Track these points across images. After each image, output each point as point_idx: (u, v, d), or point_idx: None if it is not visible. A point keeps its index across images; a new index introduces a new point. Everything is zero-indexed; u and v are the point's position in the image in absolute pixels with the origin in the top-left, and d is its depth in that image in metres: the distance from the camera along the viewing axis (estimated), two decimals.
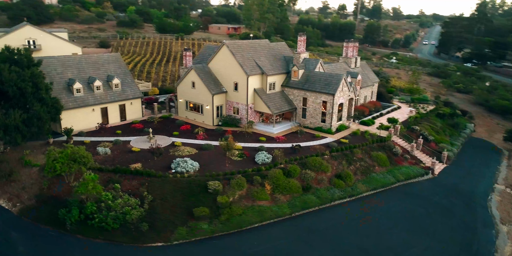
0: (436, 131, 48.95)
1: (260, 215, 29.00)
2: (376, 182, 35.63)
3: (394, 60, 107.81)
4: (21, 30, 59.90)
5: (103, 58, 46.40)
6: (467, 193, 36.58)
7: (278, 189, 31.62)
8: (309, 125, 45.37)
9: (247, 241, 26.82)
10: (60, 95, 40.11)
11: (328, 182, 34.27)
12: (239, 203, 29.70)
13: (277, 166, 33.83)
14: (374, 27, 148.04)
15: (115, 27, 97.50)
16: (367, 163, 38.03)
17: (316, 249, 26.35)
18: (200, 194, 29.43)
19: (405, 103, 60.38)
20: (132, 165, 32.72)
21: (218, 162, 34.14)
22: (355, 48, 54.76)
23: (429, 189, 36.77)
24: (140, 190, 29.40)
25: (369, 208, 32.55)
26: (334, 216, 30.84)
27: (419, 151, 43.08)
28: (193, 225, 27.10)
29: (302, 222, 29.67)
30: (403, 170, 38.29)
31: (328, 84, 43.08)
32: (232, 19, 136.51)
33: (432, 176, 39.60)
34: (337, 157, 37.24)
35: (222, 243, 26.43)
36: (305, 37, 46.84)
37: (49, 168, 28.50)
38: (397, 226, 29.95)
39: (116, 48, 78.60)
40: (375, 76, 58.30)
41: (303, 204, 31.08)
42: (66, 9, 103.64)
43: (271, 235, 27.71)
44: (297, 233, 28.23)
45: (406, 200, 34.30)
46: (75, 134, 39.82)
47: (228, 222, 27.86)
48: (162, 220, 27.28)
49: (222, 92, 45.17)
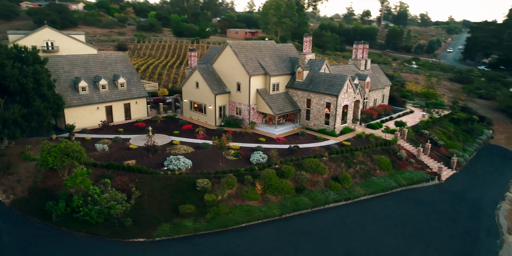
0: (448, 136, 46.82)
1: (248, 215, 28.35)
2: (375, 186, 34.26)
3: (414, 65, 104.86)
4: (40, 32, 62.14)
5: (110, 58, 47.36)
6: (474, 200, 34.55)
7: (269, 189, 30.90)
8: (312, 127, 44.43)
9: (232, 240, 26.23)
10: (65, 92, 41.10)
11: (323, 184, 33.22)
12: (227, 202, 29.18)
13: (271, 166, 33.14)
14: (396, 33, 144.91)
15: (135, 31, 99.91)
16: (368, 166, 36.68)
17: (300, 252, 25.43)
18: (188, 192, 29.12)
19: (418, 108, 58.30)
20: (126, 161, 32.91)
21: (212, 161, 33.81)
22: (365, 50, 53.49)
23: (433, 195, 35.01)
24: (129, 185, 29.41)
25: (365, 212, 31.29)
26: (326, 219, 29.78)
27: (426, 156, 41.26)
28: (177, 222, 26.79)
29: (291, 224, 28.79)
30: (406, 175, 36.69)
31: (332, 85, 42.12)
32: (251, 24, 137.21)
33: (438, 182, 37.75)
34: (336, 159, 36.12)
35: (205, 241, 25.95)
36: (311, 38, 46.19)
37: (42, 161, 29.02)
38: (392, 232, 28.56)
39: (133, 51, 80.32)
40: (387, 79, 56.68)
41: (295, 205, 30.19)
42: (89, 14, 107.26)
43: (257, 236, 27.00)
44: (284, 234, 27.39)
45: (405, 206, 32.75)
46: (78, 131, 40.65)
47: (213, 221, 27.37)
48: (147, 216, 27.12)
49: (225, 93, 45.01)
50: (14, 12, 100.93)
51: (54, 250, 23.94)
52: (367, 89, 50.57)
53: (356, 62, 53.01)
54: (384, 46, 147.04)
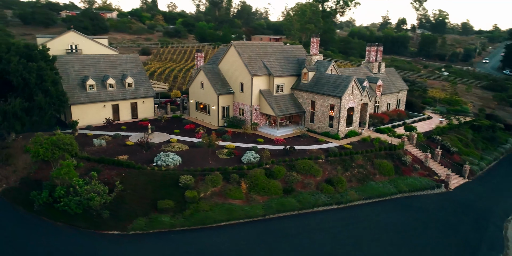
0: (465, 144, 43.70)
1: (228, 214, 27.54)
2: (372, 191, 32.35)
3: (445, 72, 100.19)
4: (65, 35, 65.21)
5: (121, 58, 48.65)
6: (483, 211, 31.70)
7: (255, 189, 29.96)
8: (316, 129, 43.06)
9: (208, 238, 25.50)
10: (73, 90, 42.53)
11: (315, 187, 31.79)
12: (210, 200, 28.56)
13: (261, 166, 32.22)
14: (429, 40, 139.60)
15: (161, 37, 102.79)
16: (367, 171, 34.81)
17: (277, 253, 24.23)
18: (171, 188, 28.80)
19: (438, 114, 55.17)
20: (119, 156, 33.23)
21: (203, 159, 33.43)
22: (379, 53, 51.57)
23: (436, 204, 32.52)
24: (114, 179, 29.55)
25: (356, 217, 29.52)
26: (313, 222, 28.34)
27: (436, 162, 38.64)
28: (154, 217, 26.48)
29: (274, 225, 27.64)
30: (409, 181, 34.43)
31: (337, 86, 40.73)
32: (280, 31, 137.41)
33: (445, 190, 35.10)
34: (333, 162, 34.59)
35: (181, 237, 25.41)
36: (318, 39, 45.15)
37: (34, 152, 29.85)
38: (382, 239, 26.66)
39: (155, 55, 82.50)
40: (403, 84, 54.18)
41: (280, 206, 29.02)
42: (121, 21, 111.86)
43: (235, 235, 26.11)
44: (264, 235, 26.29)
45: (403, 213, 30.59)
46: (83, 128, 41.81)
47: (191, 218, 26.81)
48: (126, 209, 27.03)
49: (229, 93, 44.76)
50: (52, 20, 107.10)
51: (28, 238, 24.28)
52: (379, 93, 48.52)
53: (368, 65, 51.16)
54: (416, 54, 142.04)
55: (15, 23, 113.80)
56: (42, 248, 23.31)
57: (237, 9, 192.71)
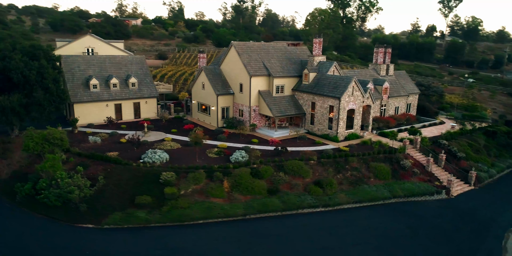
0: (476, 149, 41.08)
1: (207, 212, 26.91)
2: (363, 195, 30.79)
3: (470, 79, 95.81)
4: (82, 39, 67.47)
5: (127, 59, 49.59)
6: (485, 220, 29.40)
7: (238, 188, 29.22)
8: (316, 132, 41.89)
9: (182, 235, 24.95)
10: (77, 89, 43.61)
11: (303, 188, 30.65)
12: (190, 197, 28.07)
13: (248, 165, 31.48)
14: (457, 47, 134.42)
15: (181, 42, 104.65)
16: (361, 174, 33.27)
17: (250, 254, 23.30)
18: (152, 184, 28.58)
19: (452, 120, 52.45)
20: (109, 153, 33.50)
21: (192, 157, 33.11)
22: (388, 55, 49.85)
23: (433, 210, 30.52)
24: (99, 174, 29.69)
25: (343, 221, 28.13)
26: (295, 224, 27.20)
27: (440, 167, 36.47)
28: (130, 212, 26.27)
29: (253, 226, 26.74)
30: (405, 186, 32.57)
31: (337, 87, 39.55)
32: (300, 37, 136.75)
33: (446, 197, 32.95)
34: (326, 163, 33.33)
35: (154, 234, 24.99)
36: (321, 40, 44.18)
37: (25, 146, 30.56)
38: (367, 243, 25.15)
39: (171, 60, 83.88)
40: (414, 88, 51.99)
41: (262, 206, 28.10)
42: (143, 28, 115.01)
43: (210, 234, 25.40)
44: (240, 235, 25.45)
45: (394, 218, 28.87)
46: (84, 126, 42.70)
47: (168, 214, 26.39)
48: (104, 204, 26.99)
49: (229, 94, 44.48)
50: (79, 27, 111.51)
51: (3, 227, 24.66)
52: (385, 95, 46.74)
53: (376, 67, 49.53)
54: (442, 61, 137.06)
55: (45, 30, 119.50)
56: (14, 237, 23.54)
57: (262, 17, 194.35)
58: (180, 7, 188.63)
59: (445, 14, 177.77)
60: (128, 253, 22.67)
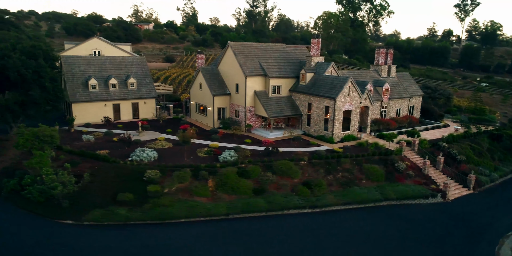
0: (478, 153, 39.57)
1: (189, 211, 26.53)
2: (353, 197, 29.86)
3: (483, 83, 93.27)
4: (89, 42, 68.72)
5: (127, 60, 50.06)
6: (481, 225, 28.07)
7: (223, 187, 28.78)
8: (312, 133, 41.18)
9: (161, 234, 24.60)
10: (76, 89, 44.17)
11: (290, 189, 29.98)
12: (174, 196, 27.78)
13: (236, 165, 31.04)
14: (472, 51, 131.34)
15: (190, 46, 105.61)
16: (352, 175, 32.38)
17: (227, 253, 22.76)
18: (137, 182, 28.43)
19: (458, 123, 50.84)
20: (100, 151, 33.63)
21: (181, 156, 32.91)
22: (389, 56, 48.85)
23: (426, 214, 29.36)
24: (87, 171, 29.76)
25: (329, 223, 27.28)
26: (279, 225, 26.53)
27: (437, 170, 35.23)
28: (111, 209, 26.10)
29: (236, 226, 26.19)
30: (398, 188, 31.50)
31: (333, 87, 38.86)
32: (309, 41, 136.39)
33: (442, 201, 31.69)
34: (316, 164, 32.60)
35: (133, 231, 24.72)
36: (319, 40, 43.58)
37: (16, 142, 30.94)
38: (349, 246, 24.26)
39: (178, 62, 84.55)
40: (417, 90, 50.67)
41: (246, 206, 27.55)
42: (153, 32, 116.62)
43: (191, 233, 24.98)
44: (221, 235, 24.89)
45: (384, 221, 27.84)
46: (82, 125, 43.14)
47: (149, 212, 26.12)
48: (87, 200, 26.93)
49: (226, 94, 44.27)
50: (91, 31, 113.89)
51: None
52: (386, 97, 45.68)
53: (377, 68, 48.55)
54: (457, 65, 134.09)
55: (60, 35, 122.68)
56: None
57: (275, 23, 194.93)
58: (193, 12, 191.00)
59: (461, 18, 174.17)
60: (103, 249, 22.44)
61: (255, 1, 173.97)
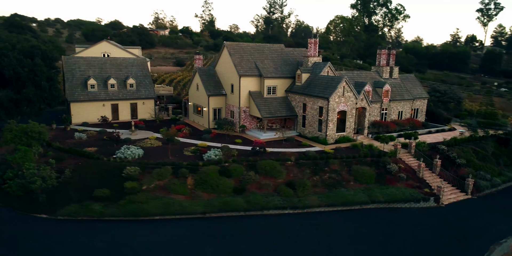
0: (482, 157, 37.50)
1: (164, 208, 26.07)
2: (338, 198, 28.67)
3: (502, 88, 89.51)
4: (99, 45, 70.10)
5: (128, 61, 50.63)
6: (473, 231, 26.30)
7: (202, 186, 28.22)
8: (307, 134, 40.20)
9: (132, 230, 24.23)
10: (76, 88, 44.87)
11: (273, 189, 29.09)
12: (152, 193, 27.42)
13: (219, 164, 30.45)
14: (493, 56, 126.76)
15: (202, 50, 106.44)
16: (340, 177, 31.17)
17: (193, 251, 22.11)
18: (116, 178, 28.25)
19: (465, 127, 48.59)
20: (88, 148, 33.81)
21: (167, 154, 32.63)
22: (392, 56, 47.39)
23: (416, 218, 27.82)
24: (69, 167, 29.87)
25: (308, 224, 26.20)
26: (257, 225, 25.71)
27: (434, 174, 33.51)
28: (86, 205, 25.95)
29: (211, 225, 25.52)
30: (388, 191, 30.05)
31: (327, 87, 37.88)
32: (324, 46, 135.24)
33: (435, 205, 30.01)
34: (303, 165, 31.61)
35: (106, 227, 24.45)
36: (317, 40, 42.75)
37: (5, 138, 31.50)
38: (323, 249, 23.14)
39: (187, 66, 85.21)
40: (422, 92, 48.82)
41: (224, 205, 26.85)
42: (168, 37, 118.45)
43: (163, 230, 24.47)
44: (194, 234, 24.23)
45: (368, 224, 26.53)
46: (79, 124, 43.73)
47: (123, 208, 25.81)
48: (64, 195, 26.91)
49: (221, 95, 43.96)
50: (106, 35, 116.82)
51: None
52: (386, 99, 44.18)
53: (378, 69, 47.14)
54: (478, 71, 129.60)
55: (80, 40, 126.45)
56: None
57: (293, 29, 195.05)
58: (211, 19, 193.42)
59: (483, 23, 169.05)
60: (70, 244, 22.22)
61: (272, 7, 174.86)
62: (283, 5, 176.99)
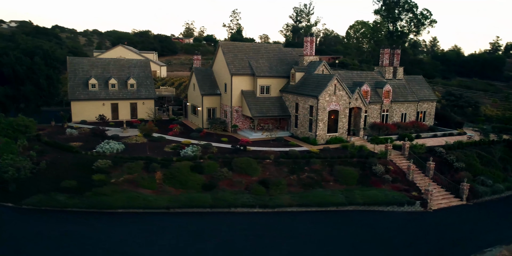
0: (487, 161, 34.44)
1: (127, 201, 25.61)
2: (312, 198, 27.03)
3: None
4: (114, 49, 72.69)
5: (131, 62, 51.55)
6: (457, 238, 23.81)
7: (171, 181, 27.60)
8: (299, 135, 38.82)
9: (91, 221, 23.92)
10: (77, 88, 46.07)
11: (245, 187, 27.95)
12: (119, 186, 27.09)
13: (194, 159, 29.78)
14: None
15: None
16: (320, 177, 29.51)
17: (143, 249, 21.36)
18: (88, 171, 28.21)
19: (479, 131, 45.13)
20: (74, 143, 34.31)
21: (148, 150, 32.43)
22: (396, 56, 45.19)
23: (395, 222, 25.67)
24: (46, 159, 30.26)
25: (276, 223, 24.83)
26: (221, 222, 24.65)
27: (427, 177, 31.05)
28: (52, 195, 25.98)
29: (172, 220, 24.80)
30: (369, 193, 28.02)
31: (318, 86, 36.51)
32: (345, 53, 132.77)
33: (422, 210, 27.60)
34: (282, 163, 30.29)
35: (67, 217, 24.32)
36: (313, 38, 41.64)
37: None
38: (283, 248, 21.69)
39: None
40: (430, 94, 46.01)
41: (189, 201, 26.04)
42: (190, 44, 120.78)
43: (124, 223, 24.04)
44: (155, 228, 23.48)
45: (341, 226, 24.80)
46: (77, 122, 44.72)
47: (87, 200, 25.61)
48: (34, 185, 27.10)
49: (216, 94, 43.56)
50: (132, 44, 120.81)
51: None
52: (387, 100, 41.96)
53: (381, 69, 45.00)
54: None
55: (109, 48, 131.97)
56: None
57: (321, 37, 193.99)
58: (238, 28, 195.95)
59: None
60: (22, 231, 22.15)
61: (299, 15, 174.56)
62: (309, 13, 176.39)
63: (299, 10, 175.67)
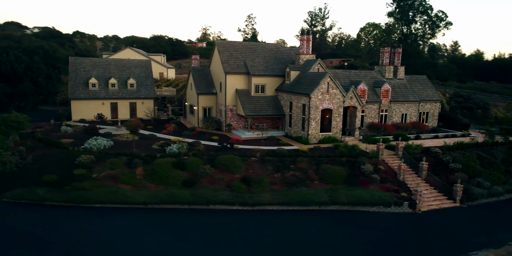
0: (487, 163, 32.74)
1: (106, 197, 25.49)
2: (293, 197, 26.20)
3: None
4: (123, 52, 73.72)
5: (133, 63, 52.06)
6: (443, 241, 22.50)
7: (152, 177, 27.34)
8: (293, 134, 38.07)
9: (70, 217, 23.89)
10: (77, 87, 46.79)
11: (226, 184, 27.40)
12: (100, 181, 27.02)
13: (178, 156, 29.49)
14: None
15: None
16: (305, 175, 28.65)
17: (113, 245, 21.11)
18: (72, 166, 28.30)
19: (484, 133, 43.19)
20: (65, 139, 34.65)
21: (136, 147, 32.37)
22: (397, 55, 43.90)
23: (379, 223, 24.54)
24: (35, 154, 30.58)
25: (254, 222, 24.20)
26: (198, 220, 24.19)
27: (420, 178, 29.73)
28: (32, 189, 26.14)
29: (151, 216, 24.47)
30: (355, 192, 26.96)
31: (311, 84, 35.76)
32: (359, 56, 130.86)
33: (411, 211, 26.34)
34: (267, 161, 29.62)
35: (44, 211, 24.39)
36: (310, 37, 40.90)
37: None
38: (248, 245, 21.02)
39: None
40: (434, 94, 44.38)
41: (167, 197, 25.69)
42: (203, 48, 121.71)
43: (101, 218, 23.89)
44: (131, 224, 23.25)
45: (320, 226, 23.89)
46: (76, 121, 45.33)
47: (66, 194, 25.62)
48: (17, 179, 27.35)
49: (212, 94, 43.35)
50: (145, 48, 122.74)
51: None
52: (385, 99, 40.71)
53: (381, 69, 43.78)
54: None
55: None
56: None
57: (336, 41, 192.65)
58: (253, 33, 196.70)
59: None
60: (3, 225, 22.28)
61: (313, 20, 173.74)
62: (324, 17, 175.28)
63: (314, 14, 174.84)
